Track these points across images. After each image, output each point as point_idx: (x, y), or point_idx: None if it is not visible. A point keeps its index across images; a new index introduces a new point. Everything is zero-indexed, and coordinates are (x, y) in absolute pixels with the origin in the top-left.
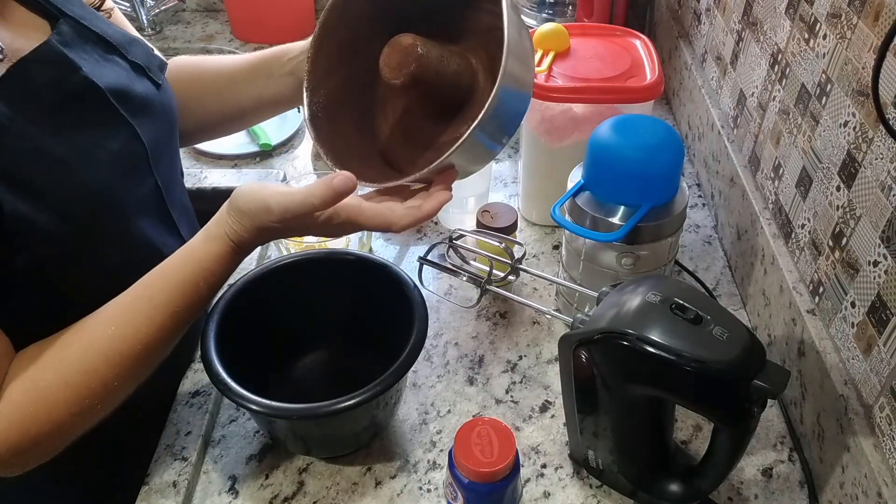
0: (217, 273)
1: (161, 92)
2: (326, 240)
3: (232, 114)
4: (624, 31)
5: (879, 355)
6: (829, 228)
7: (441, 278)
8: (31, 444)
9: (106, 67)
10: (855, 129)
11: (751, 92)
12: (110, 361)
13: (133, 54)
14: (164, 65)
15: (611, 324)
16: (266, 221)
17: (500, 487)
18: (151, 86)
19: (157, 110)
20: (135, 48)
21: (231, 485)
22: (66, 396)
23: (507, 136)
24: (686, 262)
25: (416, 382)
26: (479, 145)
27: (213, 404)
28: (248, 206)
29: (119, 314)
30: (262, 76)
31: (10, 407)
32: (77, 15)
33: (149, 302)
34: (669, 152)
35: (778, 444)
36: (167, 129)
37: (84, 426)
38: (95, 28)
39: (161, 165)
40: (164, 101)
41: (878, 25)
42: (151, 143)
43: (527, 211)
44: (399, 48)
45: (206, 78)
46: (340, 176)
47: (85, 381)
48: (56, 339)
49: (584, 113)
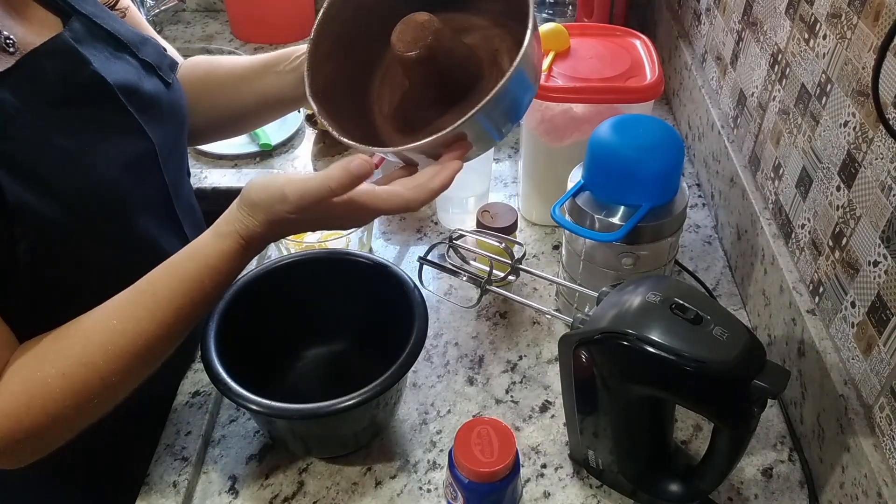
0: (223, 271)
1: (171, 91)
2: (326, 240)
3: (239, 112)
4: (624, 31)
5: (879, 355)
6: (829, 228)
7: (441, 278)
8: (26, 435)
9: (115, 64)
10: (855, 129)
11: (751, 92)
12: (109, 355)
13: (144, 53)
14: (174, 64)
15: (611, 324)
16: (281, 212)
17: (500, 487)
18: (161, 84)
19: (166, 109)
20: (146, 47)
21: (231, 485)
22: (62, 388)
23: (511, 122)
24: (686, 262)
25: (416, 382)
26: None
27: (213, 404)
28: (262, 198)
29: (121, 309)
30: (270, 73)
31: (6, 397)
32: (89, 13)
33: (152, 297)
34: (669, 152)
35: (778, 444)
36: (176, 128)
37: (82, 422)
38: (107, 26)
39: (169, 164)
40: (173, 100)
41: (878, 25)
42: (160, 142)
43: (527, 211)
44: (414, 24)
45: (217, 75)
46: (358, 159)
47: (83, 374)
48: (58, 331)
49: (584, 113)
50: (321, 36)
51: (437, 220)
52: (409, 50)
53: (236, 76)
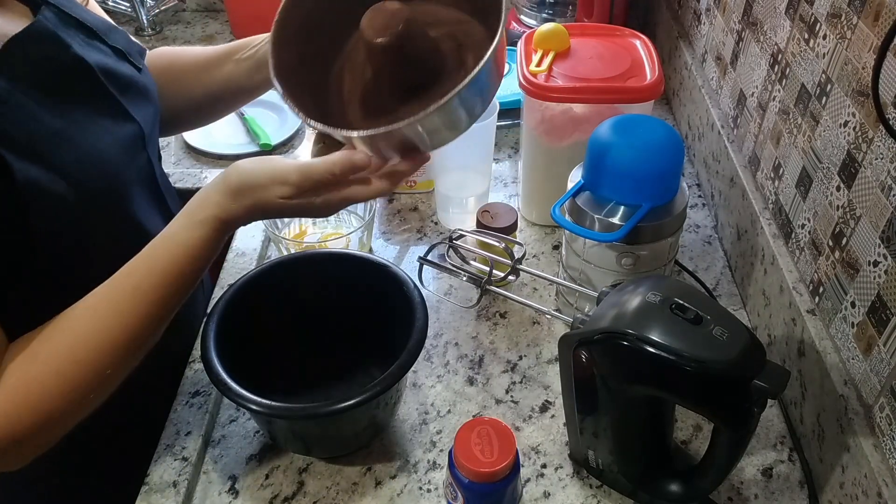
0: (203, 257)
1: (142, 75)
2: (326, 240)
3: (203, 100)
4: (624, 31)
5: (879, 355)
6: (829, 228)
7: (441, 278)
8: (25, 434)
9: (90, 49)
10: (855, 129)
11: (751, 92)
12: (101, 351)
13: (113, 40)
14: (143, 51)
15: (611, 324)
16: (273, 197)
17: (500, 487)
18: (133, 69)
19: (141, 91)
20: (115, 34)
21: (231, 485)
22: (59, 386)
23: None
24: (686, 262)
25: (416, 382)
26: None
27: (213, 404)
28: (251, 184)
29: (104, 304)
30: (229, 62)
31: (3, 397)
32: (57, 1)
33: (134, 291)
34: (669, 152)
35: (778, 444)
36: (153, 111)
37: (78, 416)
38: (76, 14)
39: (150, 144)
40: (146, 84)
41: (878, 25)
42: (142, 121)
43: (527, 211)
44: (385, 11)
45: (180, 64)
46: (361, 153)
47: (77, 372)
48: (47, 329)
49: (584, 113)
50: (287, 18)
51: (437, 220)
52: (379, 36)
53: (199, 65)
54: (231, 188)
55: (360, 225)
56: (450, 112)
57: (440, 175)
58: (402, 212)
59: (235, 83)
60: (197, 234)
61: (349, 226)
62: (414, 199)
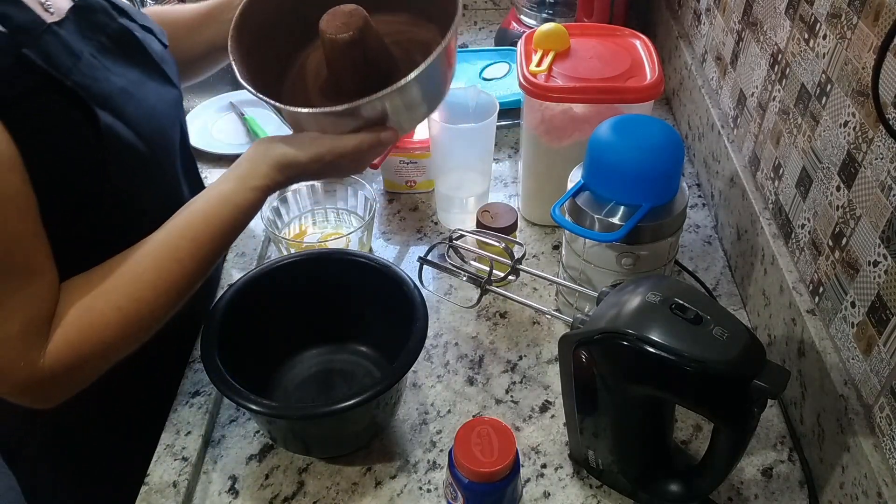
0: (250, 218)
1: (167, 51)
2: (326, 240)
3: (190, 60)
4: (624, 31)
5: (879, 355)
6: (829, 228)
7: (441, 278)
8: (82, 362)
9: (129, 23)
10: (855, 129)
11: (751, 92)
12: (158, 291)
13: (142, 19)
14: (164, 32)
15: (611, 324)
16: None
17: (500, 487)
18: (160, 45)
19: (170, 64)
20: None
21: (231, 485)
22: (118, 320)
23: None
24: (686, 262)
25: (416, 382)
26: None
27: (213, 404)
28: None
29: (165, 251)
30: (214, 22)
31: (66, 328)
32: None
33: (192, 241)
34: (669, 152)
35: (778, 444)
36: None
37: (129, 349)
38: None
39: (183, 112)
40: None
41: (878, 25)
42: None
43: (527, 211)
44: (342, 12)
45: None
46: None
47: (135, 308)
48: (105, 268)
49: (584, 113)
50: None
51: (437, 220)
52: (342, 32)
53: (185, 26)
54: (279, 164)
55: (360, 225)
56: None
57: (440, 175)
58: (402, 212)
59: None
60: (250, 197)
61: (349, 226)
62: (414, 199)
